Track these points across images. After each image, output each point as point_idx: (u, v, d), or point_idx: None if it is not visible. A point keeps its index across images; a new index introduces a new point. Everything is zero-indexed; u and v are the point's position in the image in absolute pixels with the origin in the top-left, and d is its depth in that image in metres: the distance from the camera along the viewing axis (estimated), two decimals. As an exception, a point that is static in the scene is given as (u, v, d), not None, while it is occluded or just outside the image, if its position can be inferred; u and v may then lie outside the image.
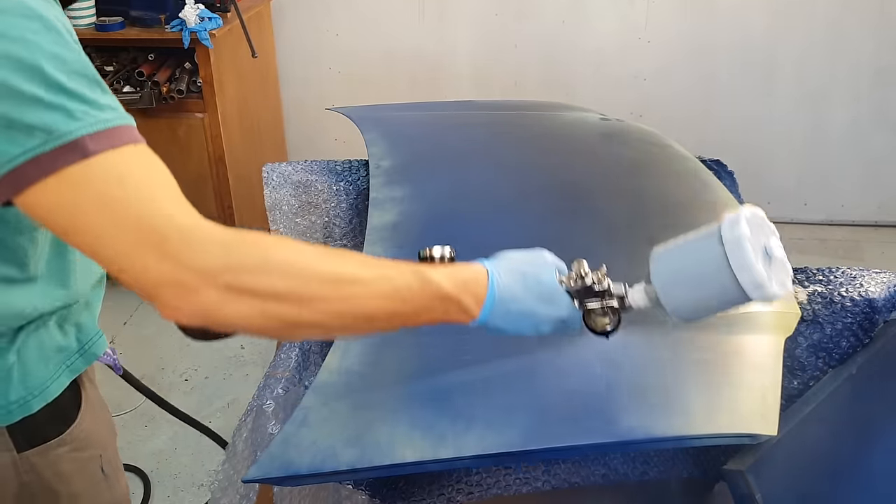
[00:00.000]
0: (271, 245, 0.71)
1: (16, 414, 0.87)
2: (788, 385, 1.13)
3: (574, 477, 1.22)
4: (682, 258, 0.88)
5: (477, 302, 0.80)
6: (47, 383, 0.89)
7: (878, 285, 1.13)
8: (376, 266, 0.76)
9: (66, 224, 0.68)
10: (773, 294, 0.81)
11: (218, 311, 0.68)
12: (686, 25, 2.96)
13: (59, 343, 0.91)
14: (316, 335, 0.82)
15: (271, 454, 0.86)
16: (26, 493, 0.92)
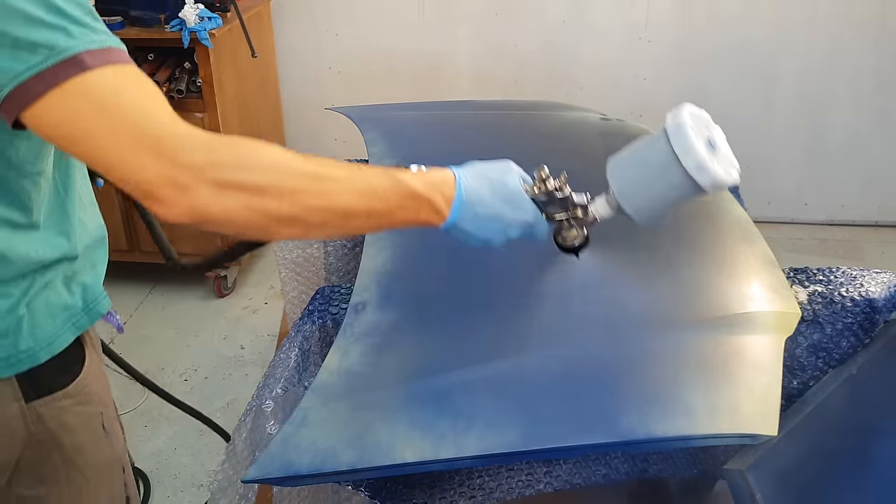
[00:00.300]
0: (255, 145, 0.78)
1: (24, 363, 0.92)
2: (788, 385, 1.13)
3: (576, 478, 1.22)
4: (634, 161, 0.96)
5: (447, 202, 0.88)
6: (53, 337, 0.95)
7: (878, 285, 1.13)
8: (351, 167, 0.83)
9: (69, 133, 0.74)
10: (717, 176, 0.87)
11: (208, 207, 0.75)
12: (686, 25, 2.96)
13: (66, 301, 0.97)
14: (298, 233, 0.85)
15: (271, 454, 0.86)
16: (34, 442, 0.97)
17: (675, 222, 1.26)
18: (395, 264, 1.13)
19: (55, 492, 1.03)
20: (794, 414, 1.06)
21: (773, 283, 1.11)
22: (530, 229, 0.95)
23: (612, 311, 1.06)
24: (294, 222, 0.80)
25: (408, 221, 0.88)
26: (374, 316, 1.03)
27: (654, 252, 1.18)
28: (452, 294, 1.10)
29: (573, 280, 1.12)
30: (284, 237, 0.88)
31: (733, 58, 3.00)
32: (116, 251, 2.79)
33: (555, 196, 0.95)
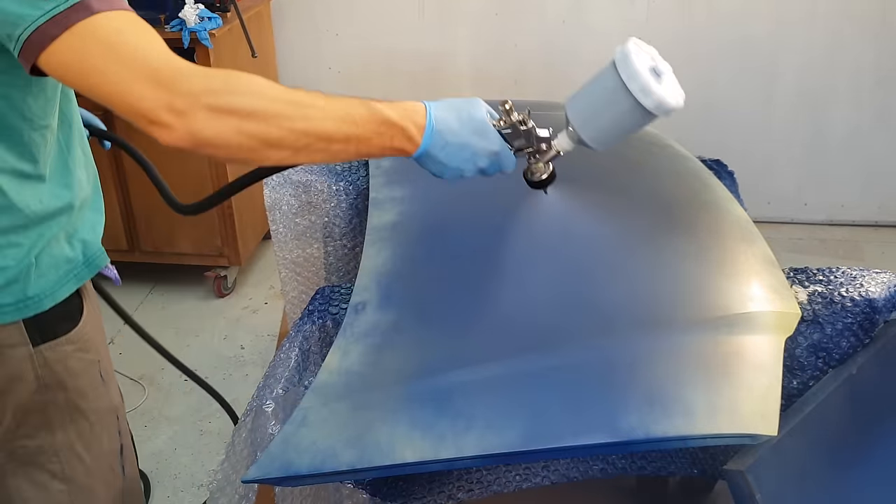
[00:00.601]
0: (245, 75, 0.87)
1: (31, 309, 1.02)
2: (788, 385, 1.13)
3: (573, 472, 1.22)
4: (587, 93, 1.04)
5: (419, 130, 0.97)
6: (57, 287, 1.04)
7: (878, 285, 1.13)
8: (331, 97, 0.92)
9: (79, 70, 0.83)
10: (661, 98, 0.96)
11: (203, 131, 0.84)
12: (686, 25, 2.96)
13: (68, 255, 1.06)
14: (285, 156, 0.91)
15: (271, 454, 0.86)
16: (41, 386, 1.06)
17: (675, 222, 1.26)
18: (395, 264, 1.13)
19: (60, 437, 1.11)
20: (794, 414, 1.06)
21: (773, 283, 1.11)
22: (497, 159, 1.04)
23: (612, 311, 1.06)
24: (280, 145, 0.88)
25: (384, 148, 0.95)
26: (374, 316, 1.03)
27: (653, 251, 1.18)
28: (452, 294, 1.10)
29: (573, 280, 1.12)
30: (273, 161, 0.92)
31: (733, 57, 3.00)
32: (116, 251, 2.80)
33: (519, 129, 1.05)
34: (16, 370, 1.04)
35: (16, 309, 1.01)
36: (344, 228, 1.55)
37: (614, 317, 1.04)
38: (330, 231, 1.56)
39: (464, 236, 1.22)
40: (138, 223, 2.76)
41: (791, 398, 1.11)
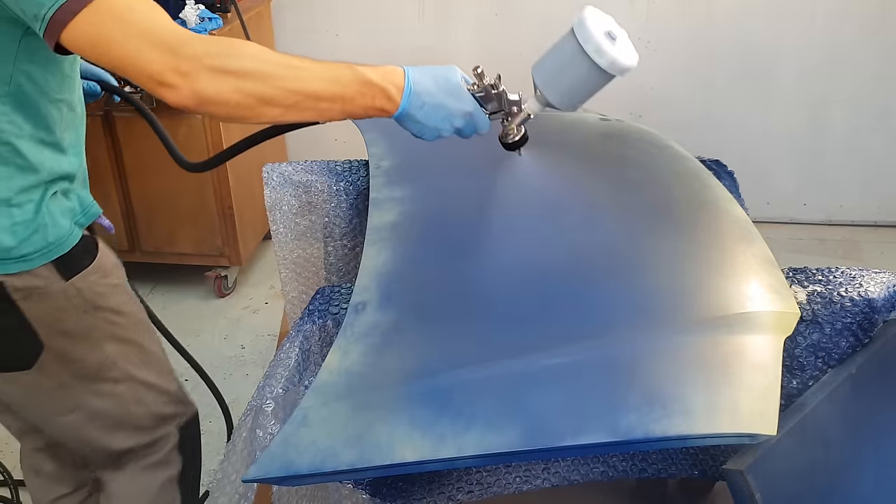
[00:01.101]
0: (241, 41, 0.99)
1: (55, 252, 1.17)
2: (788, 385, 1.13)
3: (574, 475, 1.22)
4: (551, 58, 1.17)
5: (398, 91, 1.09)
6: (69, 233, 1.20)
7: (877, 285, 1.13)
8: (319, 61, 1.04)
9: (96, 42, 0.94)
10: (615, 59, 1.08)
11: (206, 90, 0.95)
12: (686, 26, 2.97)
13: (70, 206, 1.21)
14: (278, 113, 1.01)
15: (271, 454, 0.87)
16: (81, 313, 1.23)
17: (675, 222, 1.26)
18: (395, 264, 1.13)
19: (111, 349, 1.29)
20: (794, 414, 1.06)
21: (772, 283, 1.11)
22: (472, 120, 1.15)
23: (612, 311, 1.06)
24: (274, 102, 0.99)
25: (367, 107, 1.06)
26: (374, 316, 1.03)
27: (653, 252, 1.18)
28: (452, 294, 1.10)
29: (573, 280, 1.12)
30: (268, 118, 1.03)
31: (733, 57, 3.00)
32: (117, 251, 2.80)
33: (491, 92, 1.16)
34: (58, 303, 1.20)
35: (43, 254, 1.16)
36: (344, 228, 1.55)
37: (614, 317, 1.04)
38: (330, 231, 1.56)
39: (464, 236, 1.22)
40: (139, 223, 2.76)
41: (791, 398, 1.11)
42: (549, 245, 1.20)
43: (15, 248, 1.13)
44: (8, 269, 1.14)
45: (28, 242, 1.14)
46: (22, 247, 1.14)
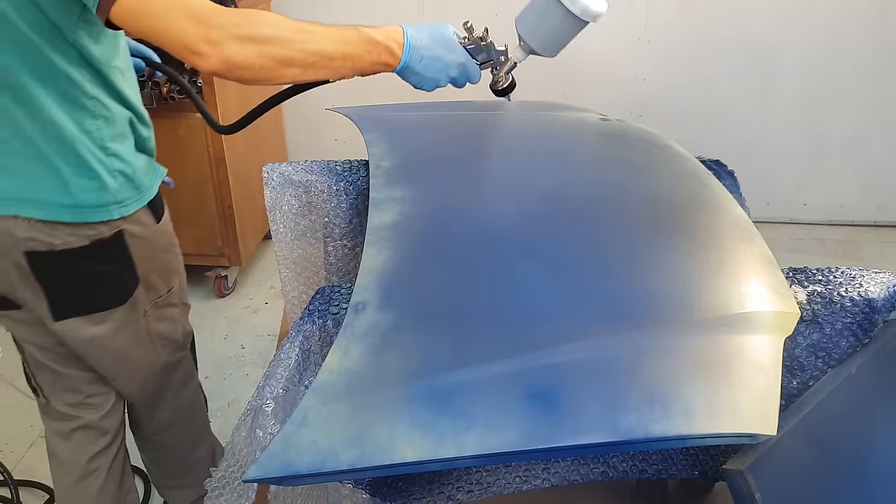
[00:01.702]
0: (261, 11, 1.14)
1: (145, 198, 1.38)
2: (788, 385, 1.13)
3: (574, 475, 1.22)
4: (530, 10, 1.32)
5: (399, 47, 1.26)
6: (150, 184, 1.41)
7: (877, 285, 1.13)
8: (328, 25, 1.21)
9: (140, 14, 1.08)
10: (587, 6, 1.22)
11: (233, 56, 1.09)
12: (686, 26, 2.97)
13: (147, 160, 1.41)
14: (298, 74, 1.17)
15: (271, 454, 0.86)
16: (164, 250, 1.48)
17: (675, 222, 1.26)
18: (396, 264, 1.13)
19: (176, 282, 1.55)
20: (794, 414, 1.06)
21: (772, 283, 1.11)
22: (465, 70, 1.32)
23: (611, 311, 1.06)
24: (293, 63, 1.15)
25: (373, 63, 1.24)
26: (375, 316, 1.03)
27: (652, 251, 1.18)
28: (452, 294, 1.10)
29: (573, 280, 1.12)
30: (288, 79, 1.17)
31: (733, 58, 3.00)
32: (116, 251, 2.79)
33: (480, 44, 1.32)
34: (152, 243, 1.43)
35: (136, 200, 1.36)
36: (344, 228, 1.55)
37: (614, 317, 1.04)
38: (330, 231, 1.56)
39: (464, 236, 1.22)
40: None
41: (791, 398, 1.11)
42: (550, 245, 1.20)
43: (117, 190, 1.31)
44: (111, 216, 1.31)
45: (124, 188, 1.33)
46: (120, 192, 1.32)
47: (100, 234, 1.31)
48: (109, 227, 1.32)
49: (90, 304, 1.38)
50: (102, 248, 1.32)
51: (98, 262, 1.34)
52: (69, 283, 1.34)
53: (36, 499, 1.99)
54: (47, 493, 1.98)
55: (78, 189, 1.26)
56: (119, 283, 1.40)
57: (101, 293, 1.39)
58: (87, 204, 1.28)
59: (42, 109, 1.21)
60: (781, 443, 0.98)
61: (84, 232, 1.29)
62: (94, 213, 1.29)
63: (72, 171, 1.25)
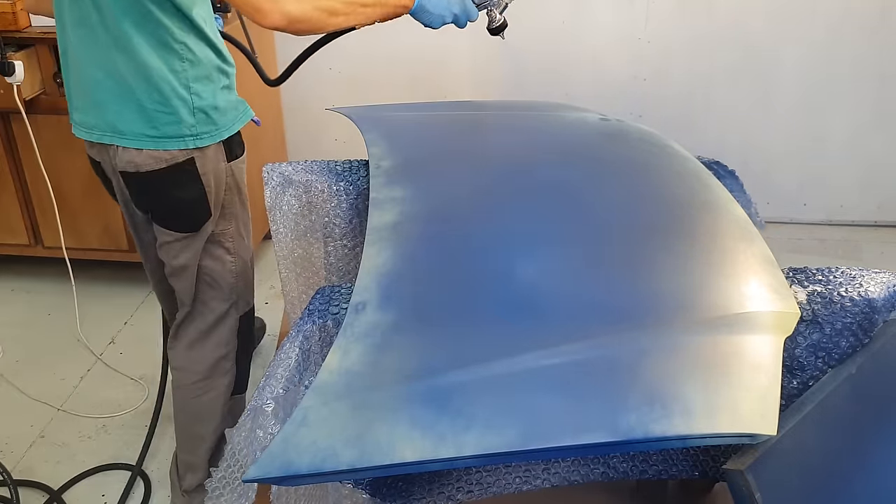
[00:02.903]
0: None
1: (222, 134, 1.57)
2: (788, 385, 1.13)
3: (574, 475, 1.22)
4: None
5: None
6: (231, 122, 1.60)
7: (877, 285, 1.13)
8: None
9: None
10: None
11: (292, 12, 1.34)
12: (686, 26, 2.97)
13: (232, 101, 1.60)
14: (341, 21, 1.44)
15: (271, 454, 0.87)
16: (229, 188, 1.65)
17: (675, 222, 1.26)
18: (396, 264, 1.13)
19: (233, 225, 1.70)
20: (794, 414, 1.06)
21: (772, 283, 1.11)
22: (465, 8, 1.59)
23: (611, 311, 1.06)
24: (338, 13, 1.41)
25: (396, 7, 1.53)
26: (374, 316, 1.03)
27: (652, 251, 1.18)
28: (452, 294, 1.10)
29: (572, 280, 1.12)
30: (333, 26, 1.44)
31: (732, 58, 3.00)
32: (117, 251, 2.80)
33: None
34: (220, 177, 1.61)
35: (212, 135, 1.55)
36: (344, 228, 1.55)
37: (613, 316, 1.05)
38: (330, 231, 1.56)
39: (464, 236, 1.22)
40: (138, 223, 2.76)
41: (791, 398, 1.11)
42: (549, 245, 1.20)
43: (195, 125, 1.51)
44: (186, 146, 1.52)
45: (204, 122, 1.53)
46: (198, 126, 1.52)
47: (175, 159, 1.53)
48: (184, 154, 1.53)
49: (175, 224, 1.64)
50: (177, 171, 1.54)
51: (175, 185, 1.56)
52: (157, 203, 1.61)
53: (36, 499, 1.99)
54: (47, 493, 1.98)
55: (159, 122, 1.49)
56: (195, 210, 1.61)
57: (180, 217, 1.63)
58: (166, 135, 1.50)
59: (137, 54, 1.43)
60: (781, 443, 0.98)
61: (163, 157, 1.52)
62: (171, 142, 1.51)
63: (155, 106, 1.48)
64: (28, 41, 2.43)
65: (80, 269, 2.63)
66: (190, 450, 1.84)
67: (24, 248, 2.81)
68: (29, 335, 2.63)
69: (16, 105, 2.32)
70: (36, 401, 2.32)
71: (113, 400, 2.32)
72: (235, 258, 1.73)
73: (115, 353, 2.54)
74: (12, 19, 2.38)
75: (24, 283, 2.91)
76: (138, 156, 1.52)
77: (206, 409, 1.82)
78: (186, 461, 1.85)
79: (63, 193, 2.62)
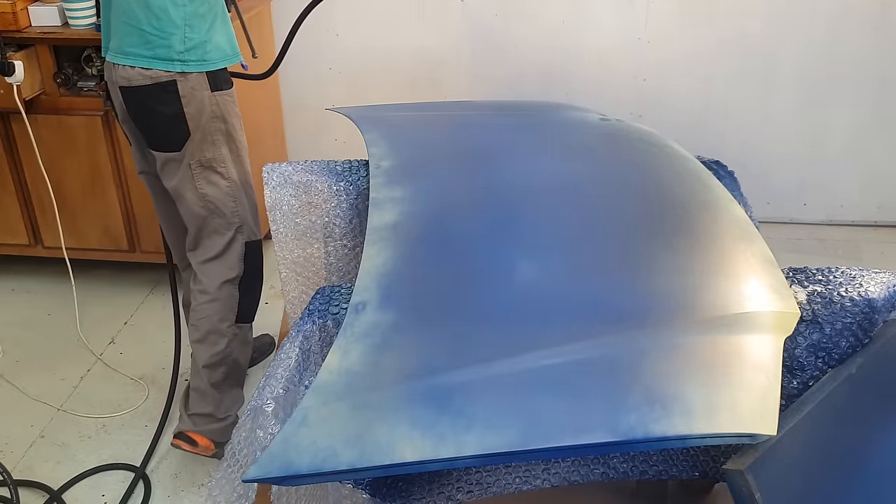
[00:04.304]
0: None
1: (209, 66, 1.80)
2: (788, 385, 1.13)
3: (574, 475, 1.22)
4: None
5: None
6: (221, 59, 1.82)
7: (877, 285, 1.13)
8: None
9: None
10: None
11: None
12: (686, 26, 2.97)
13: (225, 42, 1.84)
14: None
15: (271, 454, 0.87)
16: (214, 117, 1.83)
17: (675, 222, 1.26)
18: (395, 264, 1.13)
19: (223, 151, 1.87)
20: (794, 413, 1.06)
21: (772, 283, 1.11)
22: None
23: (612, 311, 1.06)
24: None
25: None
26: (374, 316, 1.03)
27: (653, 251, 1.18)
28: (452, 294, 1.10)
29: (572, 280, 1.12)
30: None
31: (733, 57, 3.00)
32: (117, 251, 2.80)
33: None
34: (202, 104, 1.81)
35: (198, 64, 1.78)
36: (344, 228, 1.55)
37: (614, 317, 1.05)
38: (330, 231, 1.56)
39: (464, 236, 1.22)
40: (139, 223, 2.76)
41: (791, 398, 1.11)
42: (549, 245, 1.20)
43: (183, 52, 1.75)
44: (184, 68, 1.76)
45: (192, 52, 1.76)
46: (189, 54, 1.76)
47: (159, 79, 1.76)
48: (168, 76, 1.76)
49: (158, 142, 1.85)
50: (160, 89, 1.77)
51: (157, 101, 1.78)
52: (144, 117, 1.83)
53: (36, 499, 1.99)
54: (47, 493, 1.98)
55: (153, 45, 1.74)
56: (174, 129, 1.81)
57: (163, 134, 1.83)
58: (157, 56, 1.75)
59: None
60: (781, 443, 0.98)
61: (150, 75, 1.76)
62: (160, 63, 1.76)
63: (153, 31, 1.73)
64: (28, 41, 2.43)
65: (80, 269, 2.63)
66: (197, 373, 1.99)
67: (24, 248, 2.81)
68: (29, 335, 2.63)
69: (16, 105, 2.32)
70: (36, 401, 2.32)
71: (113, 400, 2.32)
72: (230, 182, 1.91)
73: (115, 353, 2.53)
74: (12, 19, 2.38)
75: (24, 283, 2.91)
76: (132, 72, 1.77)
77: (212, 333, 1.97)
78: (194, 385, 2.00)
79: (63, 193, 2.62)
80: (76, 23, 2.45)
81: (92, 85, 2.52)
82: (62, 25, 2.46)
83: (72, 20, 2.45)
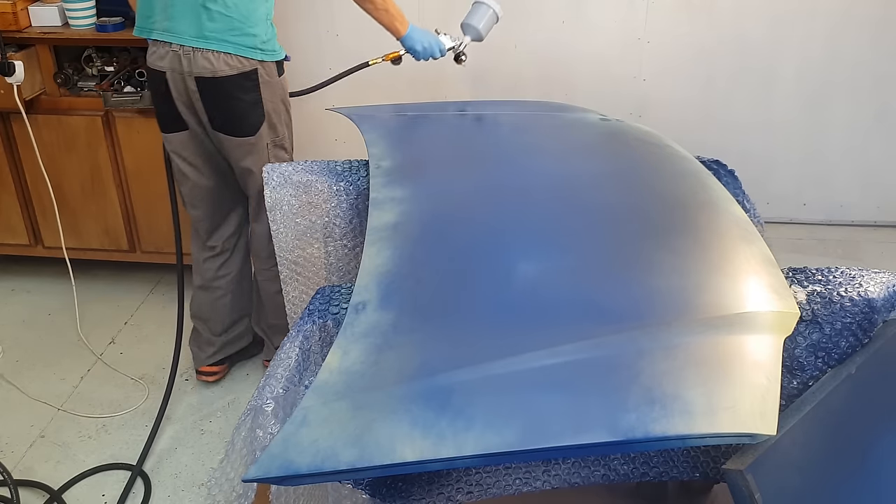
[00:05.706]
0: None
1: (276, 56, 2.03)
2: (788, 385, 1.13)
3: (574, 477, 1.22)
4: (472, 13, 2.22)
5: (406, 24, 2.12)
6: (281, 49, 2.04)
7: (877, 285, 1.13)
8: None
9: None
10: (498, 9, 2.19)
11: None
12: (685, 26, 2.97)
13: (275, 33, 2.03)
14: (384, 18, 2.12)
15: (271, 454, 0.87)
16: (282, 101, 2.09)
17: (675, 222, 1.26)
18: (395, 264, 1.13)
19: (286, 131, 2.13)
20: (794, 413, 1.06)
21: (772, 283, 1.11)
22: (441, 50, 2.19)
23: (611, 311, 1.06)
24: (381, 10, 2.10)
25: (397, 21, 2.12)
26: (375, 316, 1.03)
27: (652, 251, 1.18)
28: (452, 294, 1.10)
29: (572, 280, 1.12)
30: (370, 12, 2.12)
31: (732, 58, 3.00)
32: (117, 251, 2.80)
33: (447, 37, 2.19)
34: (274, 89, 2.03)
35: (271, 54, 1.99)
36: (344, 228, 1.55)
37: (613, 317, 1.05)
38: (330, 231, 1.56)
39: (464, 236, 1.22)
40: (139, 223, 2.76)
41: (791, 398, 1.11)
42: (549, 245, 1.20)
43: (266, 42, 1.97)
44: (264, 57, 1.96)
45: (270, 43, 1.98)
46: (267, 45, 1.97)
47: (244, 68, 1.94)
48: (251, 65, 1.94)
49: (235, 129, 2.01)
50: (244, 78, 1.94)
51: (241, 90, 1.95)
52: (223, 104, 1.97)
53: (36, 499, 1.99)
54: (47, 493, 1.98)
55: (241, 33, 1.92)
56: (253, 114, 1.99)
57: (242, 121, 1.99)
58: (245, 45, 1.93)
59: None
60: (781, 443, 0.98)
61: (235, 64, 1.92)
62: (248, 51, 1.93)
63: (241, 20, 1.91)
64: (28, 41, 2.43)
65: (80, 269, 2.63)
66: (277, 315, 2.26)
67: (24, 248, 2.81)
68: (29, 335, 2.63)
69: (16, 105, 2.32)
70: (36, 401, 2.32)
71: (113, 400, 2.32)
72: (290, 154, 2.18)
73: (115, 353, 2.53)
74: (12, 19, 2.38)
75: (24, 283, 2.91)
76: (215, 60, 1.91)
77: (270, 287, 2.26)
78: (274, 325, 2.33)
79: (63, 193, 2.62)
80: (76, 23, 2.45)
81: (92, 85, 2.53)
82: (62, 25, 2.47)
83: (72, 20, 2.45)
